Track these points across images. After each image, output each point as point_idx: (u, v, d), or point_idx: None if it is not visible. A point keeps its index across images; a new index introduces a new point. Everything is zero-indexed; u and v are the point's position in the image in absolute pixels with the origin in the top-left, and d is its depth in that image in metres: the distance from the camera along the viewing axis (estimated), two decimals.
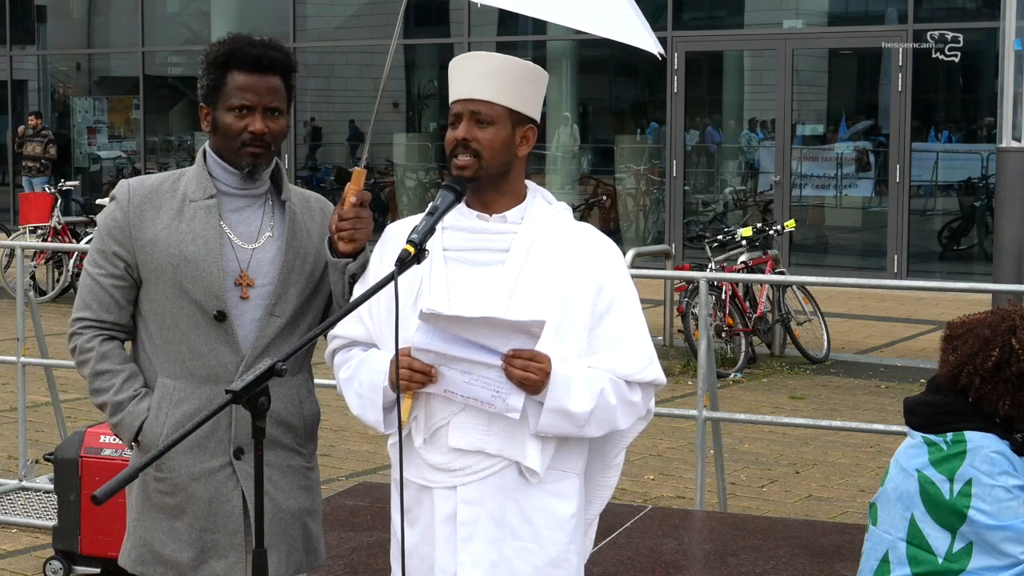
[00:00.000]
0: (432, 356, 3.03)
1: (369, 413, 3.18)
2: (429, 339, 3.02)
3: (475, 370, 3.03)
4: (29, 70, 22.90)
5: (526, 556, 3.14)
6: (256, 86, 3.25)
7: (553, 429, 3.08)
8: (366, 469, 7.87)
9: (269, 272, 3.33)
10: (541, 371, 3.01)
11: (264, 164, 3.32)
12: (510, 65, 3.16)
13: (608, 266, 3.21)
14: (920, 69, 15.48)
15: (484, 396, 3.05)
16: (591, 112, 19.80)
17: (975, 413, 3.45)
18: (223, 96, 3.27)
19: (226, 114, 3.27)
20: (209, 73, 3.28)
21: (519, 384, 3.02)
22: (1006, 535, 3.35)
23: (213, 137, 3.33)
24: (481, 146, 3.12)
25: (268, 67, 3.27)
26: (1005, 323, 3.47)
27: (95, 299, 3.35)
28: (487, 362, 3.02)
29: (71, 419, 8.38)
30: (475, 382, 3.04)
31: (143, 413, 3.30)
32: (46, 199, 16.01)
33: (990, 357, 3.44)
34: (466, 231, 3.18)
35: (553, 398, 3.03)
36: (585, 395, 3.06)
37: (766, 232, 11.93)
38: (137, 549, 3.38)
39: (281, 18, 19.35)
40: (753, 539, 5.62)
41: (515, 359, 3.00)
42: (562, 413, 3.05)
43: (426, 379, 3.05)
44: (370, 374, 3.16)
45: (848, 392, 10.24)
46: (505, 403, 3.04)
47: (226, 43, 3.30)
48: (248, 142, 3.27)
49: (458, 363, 3.03)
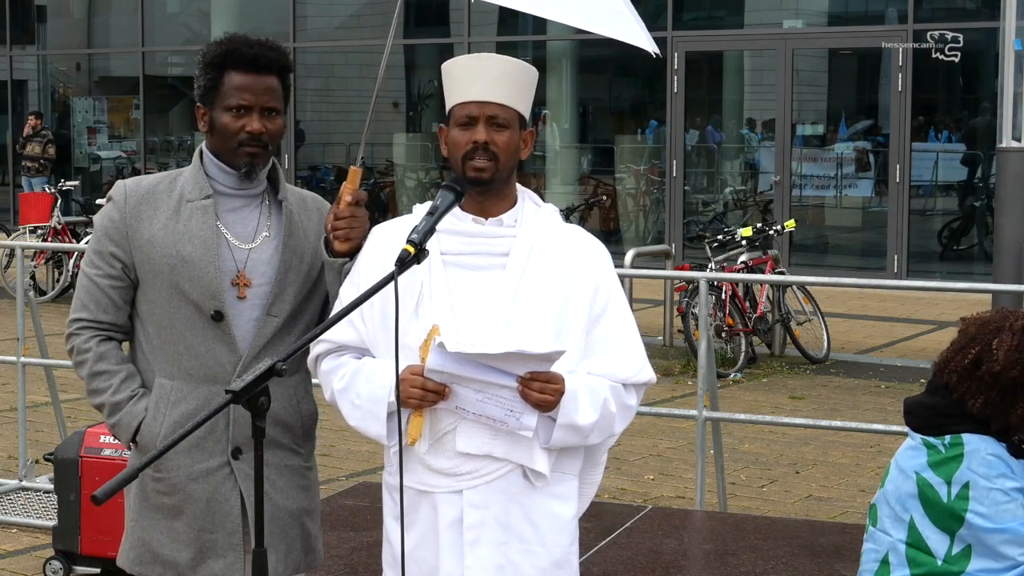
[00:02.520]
0: (445, 376, 3.02)
1: (371, 426, 3.15)
2: (443, 362, 3.00)
3: (488, 389, 3.03)
4: (29, 70, 22.89)
5: (531, 559, 3.15)
6: (253, 86, 3.25)
7: (562, 443, 3.12)
8: (366, 469, 7.87)
9: (266, 272, 3.32)
10: (557, 392, 3.04)
11: (261, 164, 3.32)
12: (516, 68, 3.18)
13: (601, 268, 3.24)
14: (920, 69, 15.47)
15: (497, 415, 3.05)
16: (591, 112, 19.80)
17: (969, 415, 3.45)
18: (220, 96, 3.26)
19: (223, 114, 3.26)
20: (206, 73, 3.28)
21: (535, 406, 3.04)
22: (1004, 538, 3.35)
23: (210, 137, 3.33)
24: (499, 149, 3.13)
25: (265, 67, 3.27)
26: (995, 323, 3.47)
27: (92, 300, 3.35)
28: (501, 383, 3.02)
29: (71, 419, 8.37)
30: (488, 400, 3.04)
31: (141, 413, 3.30)
32: (46, 199, 16.00)
33: (968, 355, 3.44)
34: (463, 235, 3.17)
35: (564, 415, 3.07)
36: (590, 407, 3.10)
37: (766, 232, 11.93)
38: (135, 549, 3.38)
39: (281, 18, 19.34)
40: (753, 539, 5.62)
41: (532, 382, 3.02)
42: (571, 427, 3.09)
43: (438, 399, 3.04)
44: (369, 386, 3.13)
45: (848, 392, 10.24)
46: (519, 422, 3.05)
47: (223, 43, 3.29)
48: (245, 142, 3.26)
49: (471, 383, 3.03)
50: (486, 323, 3.10)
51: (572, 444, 3.14)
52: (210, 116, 3.29)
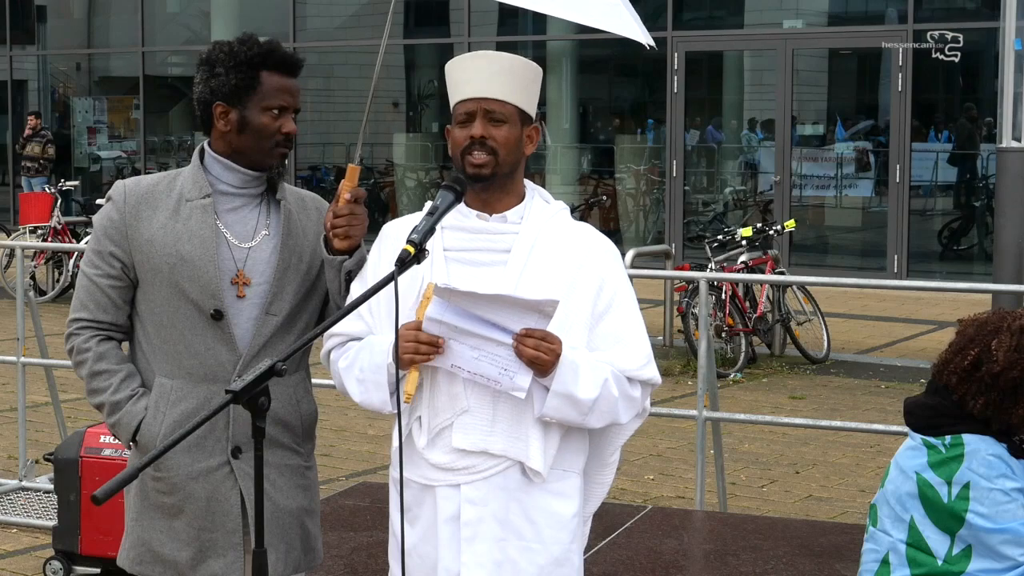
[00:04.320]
0: (443, 328, 3.02)
1: (374, 395, 3.15)
2: (442, 311, 3.01)
3: (484, 346, 3.02)
4: (29, 70, 22.89)
5: (530, 556, 3.15)
6: (291, 88, 3.31)
7: (558, 414, 3.09)
8: (366, 469, 7.87)
9: (265, 271, 3.33)
10: (552, 351, 3.02)
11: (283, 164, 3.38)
12: (516, 64, 3.18)
13: (607, 266, 3.23)
14: (920, 69, 15.47)
15: (491, 373, 3.04)
16: (591, 112, 19.80)
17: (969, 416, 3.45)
18: (258, 96, 3.27)
19: (262, 114, 3.28)
20: (238, 72, 3.27)
21: (529, 363, 3.02)
22: (1004, 538, 3.35)
23: (236, 137, 3.31)
24: (497, 144, 3.13)
25: (296, 70, 3.33)
26: (992, 324, 3.47)
27: (92, 299, 3.35)
28: (497, 339, 3.02)
29: (71, 419, 8.37)
30: (483, 358, 3.03)
31: (141, 412, 3.30)
32: (46, 199, 16.00)
33: (968, 356, 3.44)
34: (466, 231, 3.18)
35: (560, 382, 3.04)
36: (591, 382, 3.07)
37: (766, 232, 11.93)
38: (135, 549, 3.38)
39: (281, 18, 19.35)
40: (753, 539, 5.62)
41: (527, 338, 3.00)
42: (568, 398, 3.06)
43: (433, 350, 3.03)
44: (371, 356, 3.15)
45: (848, 392, 10.24)
46: (512, 381, 3.04)
47: (253, 44, 3.29)
48: (281, 143, 3.31)
49: (468, 338, 3.02)
50: None
51: (570, 420, 3.10)
52: (241, 115, 3.29)
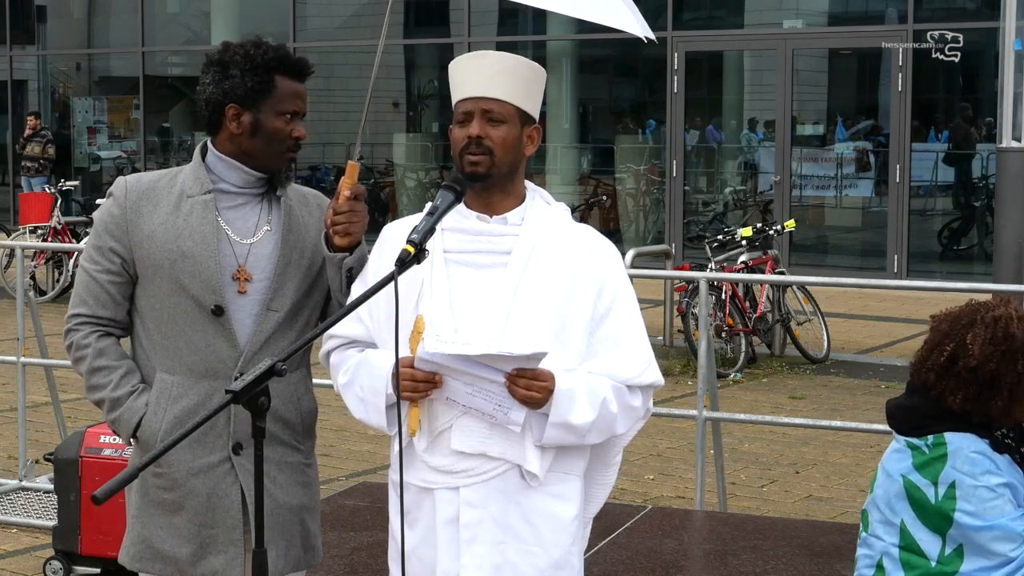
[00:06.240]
0: (435, 366, 3.03)
1: (373, 417, 3.18)
2: (432, 353, 3.01)
3: (478, 383, 3.04)
4: (29, 70, 22.89)
5: (529, 559, 3.14)
6: (302, 93, 3.36)
7: (557, 441, 3.11)
8: (366, 469, 7.87)
9: (266, 267, 3.33)
10: (544, 389, 3.03)
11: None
12: (518, 64, 3.17)
13: (608, 268, 3.22)
14: (920, 69, 15.47)
15: (486, 408, 3.06)
16: (591, 112, 19.79)
17: (950, 414, 3.44)
18: (272, 100, 3.29)
19: (275, 118, 3.30)
20: (254, 75, 3.28)
21: (522, 402, 3.04)
22: (994, 535, 3.34)
23: (248, 140, 3.31)
24: (494, 143, 3.12)
25: (306, 74, 3.38)
26: (966, 318, 3.46)
27: (91, 295, 3.35)
28: (490, 378, 3.03)
29: (71, 419, 8.37)
30: (478, 394, 3.05)
31: (141, 409, 3.30)
32: (46, 199, 16.00)
33: (944, 352, 3.43)
34: (467, 233, 3.17)
35: (557, 413, 3.05)
36: (587, 407, 3.08)
37: (766, 232, 11.93)
38: (136, 546, 3.38)
39: (281, 18, 19.34)
40: (753, 539, 5.62)
41: (519, 378, 3.02)
42: (565, 426, 3.08)
43: (430, 387, 3.05)
44: (370, 378, 3.15)
45: (848, 392, 10.24)
46: (507, 416, 3.06)
47: (268, 48, 3.31)
48: (292, 147, 3.34)
49: (461, 375, 3.04)
50: (484, 321, 3.09)
51: (568, 443, 3.12)
52: (255, 118, 3.30)
